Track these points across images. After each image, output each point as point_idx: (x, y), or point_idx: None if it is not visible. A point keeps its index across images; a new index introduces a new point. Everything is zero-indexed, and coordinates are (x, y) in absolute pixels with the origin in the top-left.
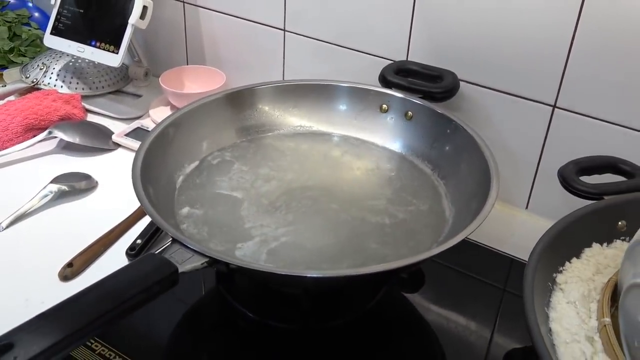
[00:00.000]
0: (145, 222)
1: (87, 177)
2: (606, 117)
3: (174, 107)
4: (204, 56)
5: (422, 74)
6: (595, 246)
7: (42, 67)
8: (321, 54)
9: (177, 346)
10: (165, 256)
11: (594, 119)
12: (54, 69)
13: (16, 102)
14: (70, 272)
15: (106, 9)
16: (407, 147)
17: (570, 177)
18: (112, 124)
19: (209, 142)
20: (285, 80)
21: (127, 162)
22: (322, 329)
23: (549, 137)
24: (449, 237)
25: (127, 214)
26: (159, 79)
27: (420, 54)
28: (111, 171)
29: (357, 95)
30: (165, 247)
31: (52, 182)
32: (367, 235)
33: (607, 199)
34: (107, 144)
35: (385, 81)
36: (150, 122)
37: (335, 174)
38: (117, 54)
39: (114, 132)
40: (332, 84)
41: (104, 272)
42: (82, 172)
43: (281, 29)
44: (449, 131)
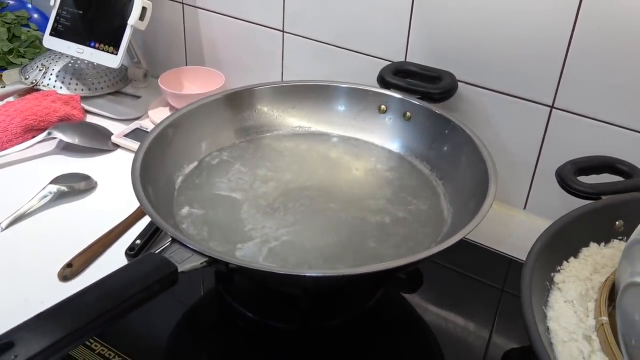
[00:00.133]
0: (144, 222)
1: (86, 177)
2: (604, 117)
3: (173, 108)
4: (203, 57)
5: (420, 75)
6: (592, 246)
7: (41, 68)
8: (320, 54)
9: (177, 346)
10: (164, 255)
11: (592, 120)
12: (53, 70)
13: (15, 103)
14: (69, 272)
15: (105, 10)
16: (406, 148)
17: (568, 177)
18: (111, 125)
19: (208, 143)
20: (284, 81)
21: (127, 162)
22: (320, 328)
23: (546, 138)
24: (447, 237)
25: (126, 215)
26: (158, 80)
27: (418, 55)
28: (110, 172)
29: (356, 95)
30: (164, 246)
31: (51, 182)
32: (366, 235)
33: (605, 199)
34: (106, 145)
35: (383, 82)
36: (149, 122)
37: (334, 174)
38: (116, 55)
39: (113, 133)
40: (330, 84)
41: (103, 272)
42: (82, 172)
43: (280, 30)
44: (447, 131)
